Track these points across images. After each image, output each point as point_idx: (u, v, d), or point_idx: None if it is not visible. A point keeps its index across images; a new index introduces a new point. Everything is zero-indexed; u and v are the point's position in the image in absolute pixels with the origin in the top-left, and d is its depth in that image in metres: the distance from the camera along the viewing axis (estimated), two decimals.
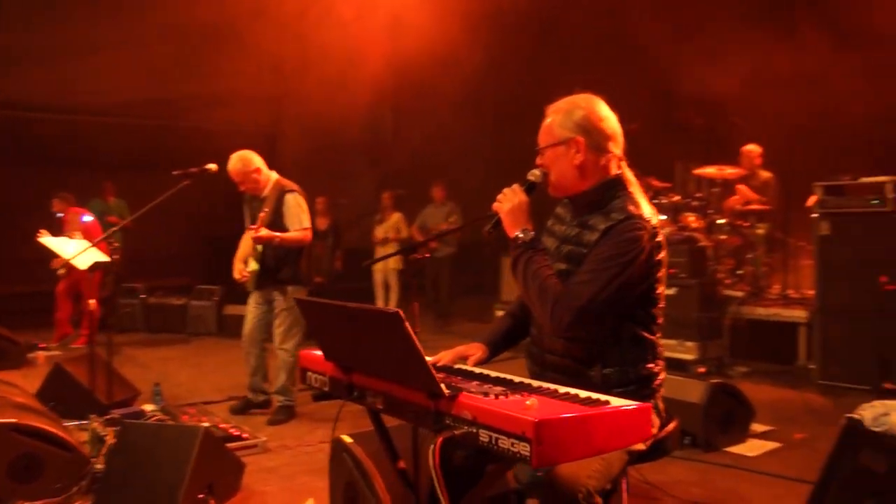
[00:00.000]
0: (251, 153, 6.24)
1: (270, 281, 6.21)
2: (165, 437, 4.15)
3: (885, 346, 6.80)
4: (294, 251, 6.18)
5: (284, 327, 6.24)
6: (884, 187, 6.95)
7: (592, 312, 2.66)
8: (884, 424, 3.55)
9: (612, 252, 2.68)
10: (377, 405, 2.66)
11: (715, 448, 5.31)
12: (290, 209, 6.13)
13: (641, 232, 2.71)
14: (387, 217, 11.71)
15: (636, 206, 2.78)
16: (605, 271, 2.66)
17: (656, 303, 2.84)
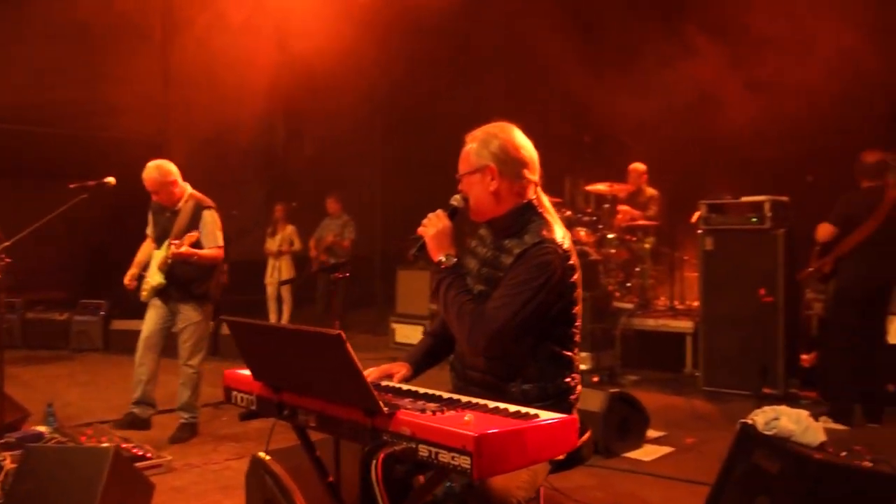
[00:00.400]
0: (169, 163, 6.14)
1: (179, 295, 6.11)
2: (72, 460, 4.01)
3: (765, 353, 7.26)
4: (205, 269, 6.11)
5: (192, 342, 6.15)
6: (762, 206, 7.42)
7: (506, 336, 2.80)
8: (774, 428, 3.80)
9: (524, 276, 2.82)
10: (309, 423, 2.72)
11: (614, 454, 5.55)
12: (206, 226, 6.06)
13: (552, 256, 2.84)
14: (279, 229, 11.58)
15: (549, 230, 2.91)
16: (518, 295, 2.80)
17: (573, 321, 2.99)
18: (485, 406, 2.57)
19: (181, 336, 6.17)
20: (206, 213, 6.10)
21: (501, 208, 3.00)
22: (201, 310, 6.16)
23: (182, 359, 6.18)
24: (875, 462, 3.64)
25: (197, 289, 6.11)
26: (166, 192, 6.08)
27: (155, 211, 6.30)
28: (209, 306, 6.22)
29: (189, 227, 6.00)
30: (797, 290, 7.67)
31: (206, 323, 6.22)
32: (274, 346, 2.73)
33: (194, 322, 6.14)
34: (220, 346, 9.82)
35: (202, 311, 6.16)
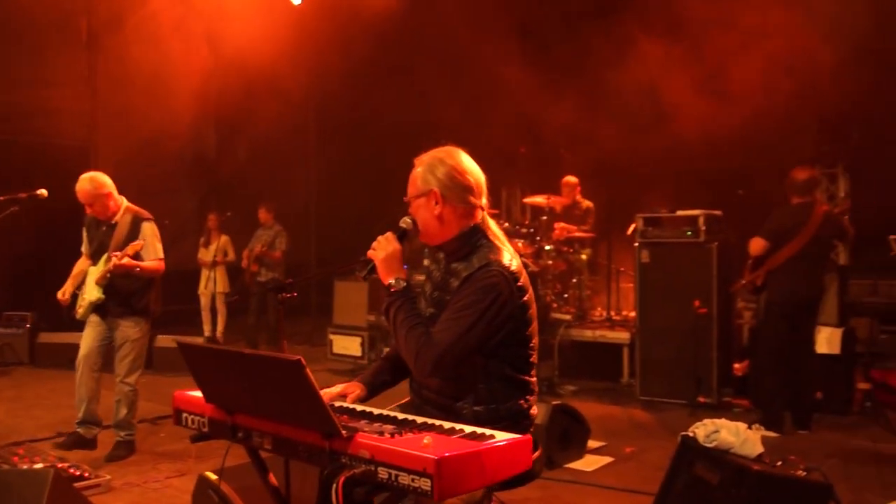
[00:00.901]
0: (103, 175, 5.99)
1: (119, 310, 5.98)
2: (10, 483, 3.87)
3: (699, 363, 7.43)
4: (145, 282, 6.00)
5: (130, 359, 6.02)
6: (697, 220, 7.61)
7: (451, 359, 2.83)
8: (714, 440, 3.92)
9: (470, 299, 2.85)
10: (265, 445, 2.71)
11: (557, 465, 5.63)
12: (147, 238, 5.94)
13: (498, 278, 2.87)
14: (213, 239, 11.40)
15: (496, 253, 2.94)
16: (463, 319, 2.82)
17: (527, 342, 3.01)
18: (441, 427, 2.61)
19: (119, 352, 6.02)
20: (145, 226, 5.99)
21: (448, 232, 3.02)
22: (140, 326, 6.04)
23: (119, 376, 6.02)
24: (808, 471, 3.79)
25: (136, 303, 5.99)
26: (101, 205, 5.94)
27: (90, 226, 6.14)
28: (147, 322, 6.11)
29: (128, 241, 5.87)
30: (730, 302, 7.90)
31: (144, 339, 6.11)
32: (229, 370, 2.72)
33: (133, 339, 6.01)
34: (155, 359, 9.64)
35: (141, 328, 6.04)
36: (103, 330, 6.04)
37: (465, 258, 2.98)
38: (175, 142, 14.54)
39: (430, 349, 2.81)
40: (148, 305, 6.06)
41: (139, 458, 5.99)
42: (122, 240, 5.88)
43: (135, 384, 6.04)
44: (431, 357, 2.80)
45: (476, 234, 3.02)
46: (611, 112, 9.49)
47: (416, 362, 2.85)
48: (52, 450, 5.91)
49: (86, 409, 6.06)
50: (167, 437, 6.55)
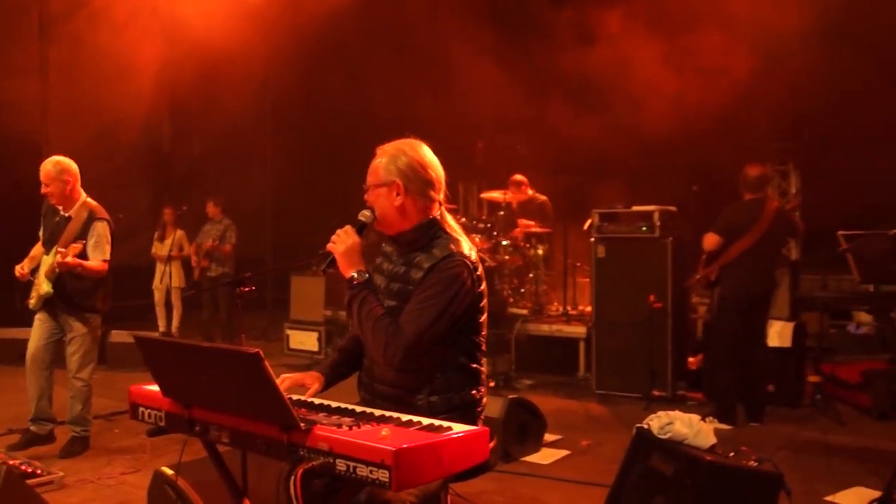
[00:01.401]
0: (71, 163, 5.89)
1: (66, 306, 5.90)
2: None
3: (654, 357, 7.51)
4: (94, 280, 5.88)
5: (80, 355, 5.92)
6: (652, 215, 7.69)
7: (421, 348, 2.88)
8: (669, 432, 3.98)
9: (436, 289, 2.90)
10: (223, 439, 2.70)
11: (513, 458, 5.66)
12: (96, 238, 5.83)
13: (461, 268, 2.94)
14: (168, 234, 11.27)
15: (456, 244, 3.01)
16: (431, 308, 2.87)
17: (479, 331, 3.08)
18: (398, 420, 2.62)
19: (69, 348, 5.93)
20: (97, 225, 5.87)
21: (407, 223, 3.06)
22: (89, 321, 5.94)
23: (70, 371, 5.93)
24: (760, 461, 3.86)
25: (84, 300, 5.90)
26: (57, 189, 5.80)
27: (46, 213, 6.04)
28: (97, 318, 6.02)
29: (79, 236, 5.79)
30: (684, 296, 7.99)
31: (93, 335, 6.01)
32: (185, 363, 2.70)
33: (81, 334, 5.92)
34: (109, 355, 9.53)
35: (90, 323, 5.95)
36: (52, 326, 5.95)
37: (425, 249, 3.02)
38: (129, 134, 14.36)
39: (400, 339, 2.84)
40: (96, 302, 5.96)
41: (93, 454, 5.92)
42: (73, 234, 5.78)
43: (87, 380, 5.95)
44: (402, 346, 2.84)
45: (434, 227, 3.07)
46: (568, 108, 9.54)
47: (385, 353, 2.87)
48: (2, 447, 5.81)
49: (37, 407, 5.98)
50: (122, 433, 6.48)
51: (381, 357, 2.90)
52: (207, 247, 10.90)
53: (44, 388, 5.98)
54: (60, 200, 5.89)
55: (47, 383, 6.00)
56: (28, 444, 5.93)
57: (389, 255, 3.20)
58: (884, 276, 5.63)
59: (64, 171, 5.84)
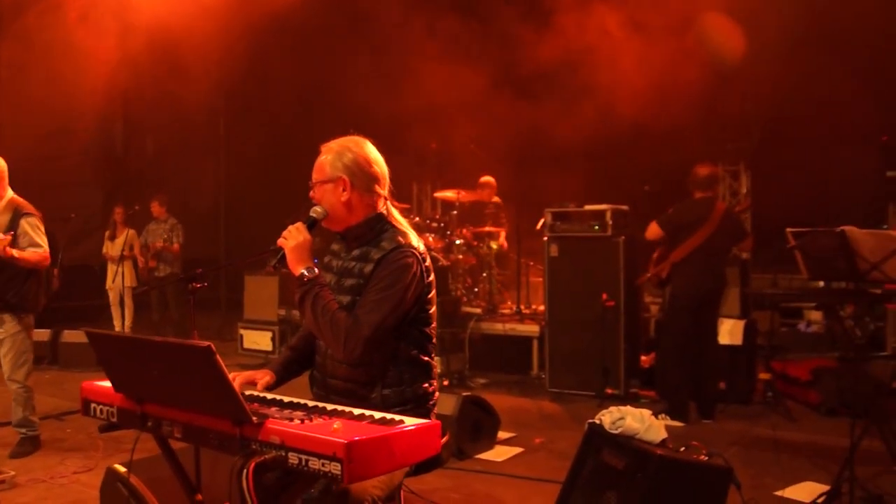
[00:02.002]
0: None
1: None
2: None
3: (606, 356, 7.59)
4: (21, 274, 5.73)
5: (12, 355, 5.76)
6: (604, 214, 7.77)
7: (380, 338, 2.91)
8: (620, 427, 4.02)
9: (389, 280, 2.94)
10: (175, 434, 2.69)
11: (467, 455, 5.69)
12: (25, 234, 5.71)
13: (411, 259, 2.99)
14: (119, 233, 11.12)
15: (404, 236, 3.07)
16: (387, 299, 2.91)
17: (429, 323, 3.12)
18: (350, 413, 2.64)
19: (0, 349, 5.78)
20: (23, 222, 5.74)
21: (353, 218, 3.11)
22: (19, 320, 5.79)
23: (6, 374, 5.79)
24: (710, 456, 3.92)
25: (12, 298, 5.72)
26: None
27: None
28: (29, 317, 5.88)
29: (5, 232, 5.65)
30: (636, 295, 8.08)
31: (25, 334, 5.84)
32: (138, 358, 2.69)
33: (11, 334, 5.76)
34: (61, 354, 9.42)
35: (21, 322, 5.80)
36: None
37: (373, 243, 3.07)
38: (81, 134, 14.20)
39: (360, 330, 2.87)
40: (25, 300, 5.79)
41: (45, 453, 5.85)
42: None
43: (23, 381, 5.80)
44: (362, 338, 2.86)
45: (381, 221, 3.12)
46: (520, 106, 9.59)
47: (345, 346, 2.88)
48: None
49: None
50: (73, 432, 6.42)
51: (341, 351, 2.91)
52: (158, 247, 10.76)
53: None
54: None
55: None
56: None
57: (337, 252, 3.24)
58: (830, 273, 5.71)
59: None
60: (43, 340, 9.55)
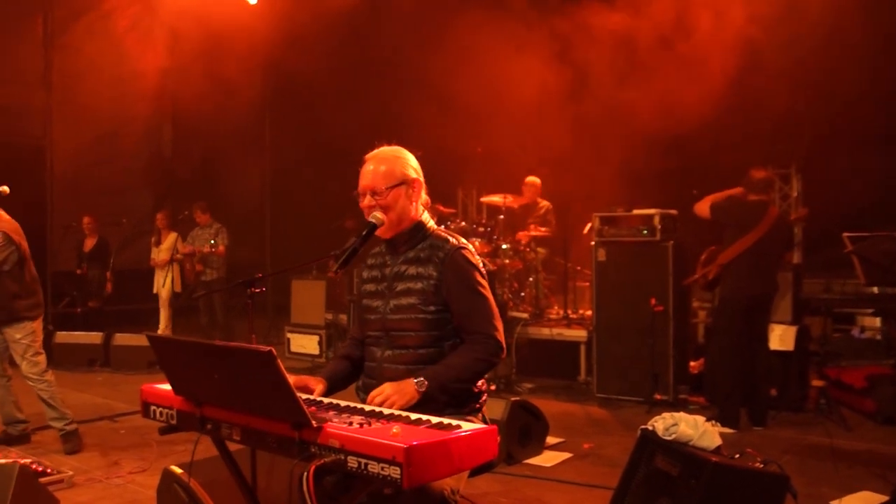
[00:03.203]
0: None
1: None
2: None
3: (655, 361, 7.52)
4: (1, 288, 5.86)
5: (22, 359, 5.97)
6: (653, 219, 7.71)
7: (501, 329, 3.11)
8: (674, 433, 3.98)
9: (471, 282, 3.08)
10: (234, 436, 2.72)
11: (516, 460, 5.68)
12: None
13: (470, 254, 3.14)
14: (164, 238, 11.27)
15: (453, 237, 3.17)
16: (482, 296, 3.09)
17: None
18: (407, 418, 2.65)
19: (15, 357, 6.03)
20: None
21: (406, 223, 3.17)
22: (23, 328, 5.97)
23: (24, 374, 6.01)
24: (765, 463, 3.87)
25: (6, 315, 5.93)
26: None
27: None
28: (29, 324, 6.01)
29: None
30: (685, 300, 8.00)
31: (33, 337, 6.01)
32: (199, 362, 2.72)
33: (15, 339, 5.98)
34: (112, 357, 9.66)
35: (23, 329, 5.97)
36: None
37: (422, 245, 3.15)
38: (131, 139, 14.44)
39: (489, 343, 3.05)
40: (18, 311, 5.96)
41: (100, 453, 5.97)
42: None
43: (41, 376, 5.98)
44: (498, 343, 3.08)
45: (425, 226, 3.20)
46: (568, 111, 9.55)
47: (495, 358, 3.08)
48: None
49: (1, 413, 6.16)
50: (128, 433, 6.53)
51: (498, 360, 3.12)
52: (206, 251, 10.86)
53: (2, 395, 6.10)
54: None
55: (5, 390, 6.12)
56: (3, 444, 6.02)
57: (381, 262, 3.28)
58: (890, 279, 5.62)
59: None
60: (95, 343, 9.76)
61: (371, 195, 3.12)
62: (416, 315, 3.06)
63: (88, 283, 11.62)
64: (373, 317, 3.19)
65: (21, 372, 5.99)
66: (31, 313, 6.02)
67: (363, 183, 3.14)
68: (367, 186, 3.13)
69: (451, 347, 3.09)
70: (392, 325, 3.12)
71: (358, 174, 3.19)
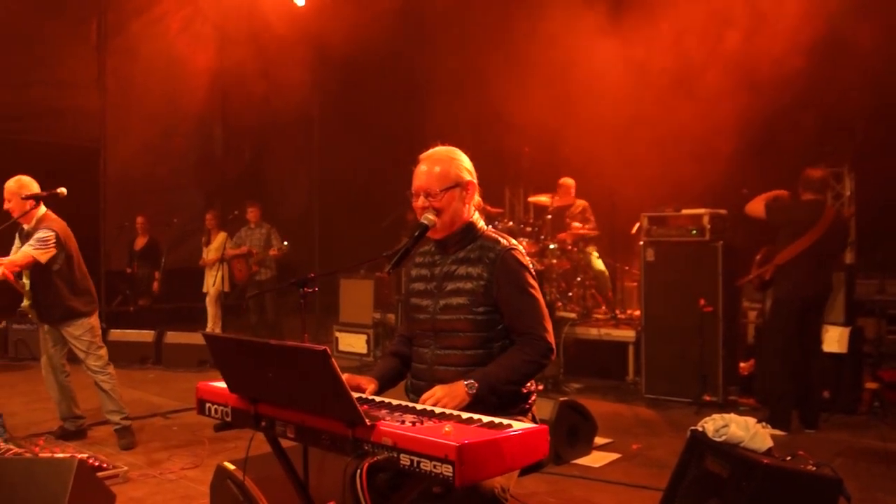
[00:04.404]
0: (32, 181, 6.03)
1: (49, 318, 6.07)
2: (36, 471, 4.00)
3: (704, 362, 7.46)
4: (53, 287, 5.95)
5: (84, 354, 6.09)
6: (702, 219, 7.65)
7: (551, 331, 3.12)
8: (724, 435, 3.95)
9: (522, 280, 3.09)
10: (288, 434, 2.76)
11: (564, 461, 5.67)
12: (34, 239, 5.90)
13: (520, 255, 3.14)
14: (213, 238, 11.41)
15: (504, 238, 3.18)
16: (532, 297, 3.10)
17: None
18: (459, 417, 2.67)
19: (75, 351, 6.14)
20: (40, 231, 5.93)
21: (458, 224, 3.18)
22: (78, 323, 6.07)
23: (85, 368, 6.14)
24: (818, 466, 3.82)
25: (57, 311, 6.02)
26: (17, 205, 5.95)
27: (20, 231, 6.19)
28: (86, 320, 6.10)
29: None
30: (735, 300, 7.92)
31: (90, 335, 6.10)
32: (254, 360, 2.77)
33: (75, 336, 6.07)
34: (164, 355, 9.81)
35: (79, 324, 6.07)
36: (54, 334, 6.17)
37: (472, 246, 3.17)
38: (182, 140, 14.71)
39: (540, 344, 3.05)
40: (73, 308, 6.05)
41: (153, 449, 6.08)
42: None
43: (102, 369, 6.11)
44: (549, 344, 3.08)
45: (476, 227, 3.22)
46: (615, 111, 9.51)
47: (545, 359, 3.08)
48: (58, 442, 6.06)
49: (59, 409, 6.29)
50: (180, 430, 6.64)
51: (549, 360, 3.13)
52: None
53: (61, 391, 6.24)
54: (19, 213, 6.02)
55: (63, 388, 6.26)
56: (60, 438, 6.22)
57: (430, 261, 3.30)
58: None
59: (23, 187, 5.99)
60: (147, 341, 9.92)
61: (425, 196, 3.13)
62: (465, 315, 3.08)
63: (139, 281, 11.84)
64: (422, 316, 3.21)
65: (83, 367, 6.12)
66: (86, 309, 6.12)
67: (417, 183, 3.16)
68: (421, 187, 3.14)
69: (501, 349, 3.10)
70: (441, 326, 3.14)
71: (409, 173, 3.20)
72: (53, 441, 6.03)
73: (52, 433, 6.27)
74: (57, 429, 6.31)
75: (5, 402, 7.63)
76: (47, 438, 6.06)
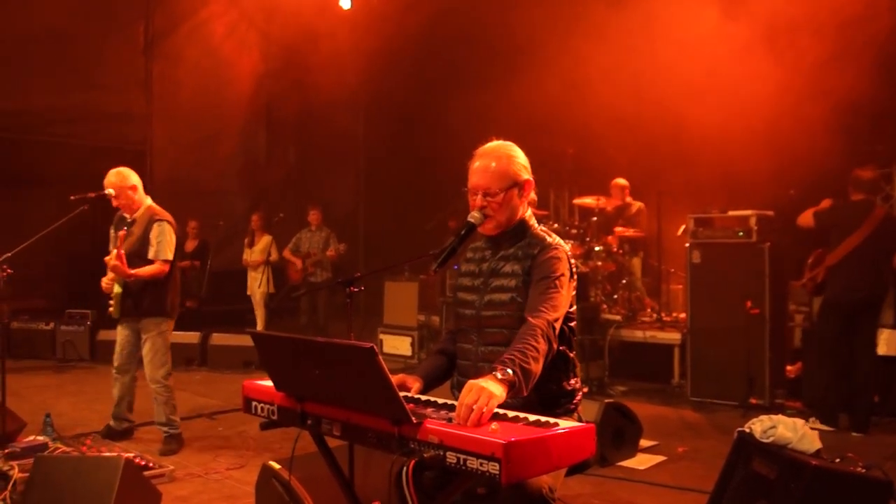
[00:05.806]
0: (130, 171, 6.14)
1: (134, 309, 6.09)
2: (84, 469, 4.08)
3: (751, 365, 7.37)
4: (158, 281, 6.04)
5: (150, 357, 6.11)
6: (748, 220, 7.57)
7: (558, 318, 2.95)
8: (772, 436, 3.92)
9: (552, 271, 2.99)
10: (334, 432, 2.78)
11: (609, 463, 5.65)
12: (153, 239, 6.02)
13: (562, 255, 3.06)
14: (257, 240, 11.53)
15: (551, 236, 3.13)
16: (555, 286, 2.96)
17: (571, 321, 3.14)
18: (505, 415, 2.66)
19: (143, 352, 6.16)
20: (155, 225, 6.04)
21: (512, 221, 3.15)
22: (159, 325, 6.13)
23: (147, 375, 6.14)
24: (868, 468, 3.77)
25: (148, 303, 6.07)
26: (125, 197, 6.06)
27: (117, 225, 6.27)
28: (167, 322, 6.18)
29: (139, 239, 6.01)
30: (782, 303, 7.82)
31: (163, 338, 6.16)
32: (301, 358, 2.79)
33: (152, 336, 6.11)
34: (210, 357, 9.89)
35: (159, 327, 6.13)
36: (129, 334, 6.22)
37: (521, 243, 3.13)
38: (227, 143, 14.86)
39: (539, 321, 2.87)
40: (161, 305, 6.11)
41: (199, 449, 6.15)
42: (136, 239, 6.02)
43: (162, 380, 6.13)
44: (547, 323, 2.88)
45: (527, 224, 3.18)
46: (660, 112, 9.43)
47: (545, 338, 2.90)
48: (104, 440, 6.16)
49: (116, 408, 6.36)
50: (224, 429, 6.71)
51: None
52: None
53: (123, 393, 6.33)
54: (128, 207, 6.13)
55: (128, 389, 6.34)
56: (105, 436, 6.29)
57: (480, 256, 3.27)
58: None
59: (125, 178, 6.09)
60: (192, 343, 10.04)
61: (483, 195, 3.09)
62: (508, 312, 3.05)
63: (187, 283, 12.00)
64: (467, 311, 3.20)
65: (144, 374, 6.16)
66: (170, 311, 6.20)
67: (475, 180, 3.11)
68: (479, 185, 3.09)
69: None
70: (485, 322, 3.12)
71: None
72: (100, 440, 6.12)
73: (99, 432, 6.36)
74: (104, 428, 6.39)
75: (53, 401, 7.79)
76: (94, 438, 6.14)
